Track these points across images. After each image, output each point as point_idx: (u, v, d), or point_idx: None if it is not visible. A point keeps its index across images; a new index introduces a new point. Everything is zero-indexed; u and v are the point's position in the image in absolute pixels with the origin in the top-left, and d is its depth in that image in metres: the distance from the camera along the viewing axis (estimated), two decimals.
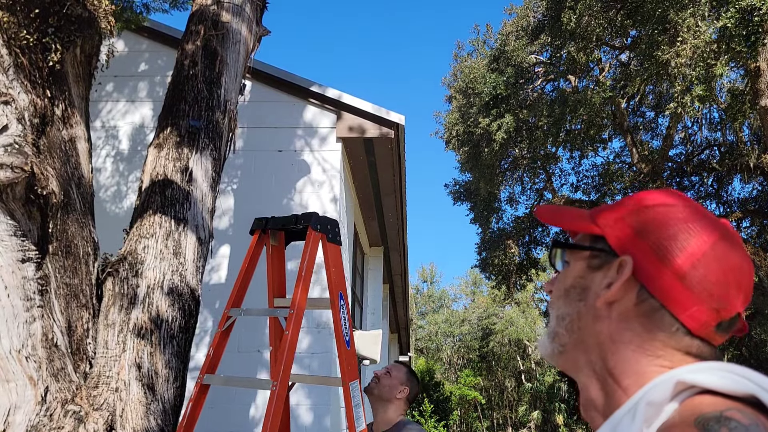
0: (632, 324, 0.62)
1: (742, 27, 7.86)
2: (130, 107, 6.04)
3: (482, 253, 16.04)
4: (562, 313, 0.68)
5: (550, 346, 0.69)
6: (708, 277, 0.59)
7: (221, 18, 3.41)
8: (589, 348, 0.65)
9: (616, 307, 0.63)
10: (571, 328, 0.67)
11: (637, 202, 0.66)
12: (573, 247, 0.70)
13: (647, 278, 0.61)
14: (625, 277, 0.62)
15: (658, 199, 0.65)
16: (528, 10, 12.95)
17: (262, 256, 2.61)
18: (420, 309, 41.17)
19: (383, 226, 8.42)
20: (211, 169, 3.08)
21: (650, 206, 0.65)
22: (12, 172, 2.07)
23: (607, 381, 0.63)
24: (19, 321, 2.08)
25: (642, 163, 12.52)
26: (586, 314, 0.65)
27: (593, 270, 0.66)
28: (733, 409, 0.50)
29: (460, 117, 13.82)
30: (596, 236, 0.67)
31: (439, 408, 28.10)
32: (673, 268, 0.60)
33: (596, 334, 0.64)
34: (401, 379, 2.41)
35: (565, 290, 0.69)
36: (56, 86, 2.38)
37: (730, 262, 0.60)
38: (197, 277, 2.84)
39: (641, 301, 0.62)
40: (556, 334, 0.68)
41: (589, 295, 0.66)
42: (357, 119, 5.89)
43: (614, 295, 0.63)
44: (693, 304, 0.59)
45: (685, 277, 0.59)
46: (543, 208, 0.75)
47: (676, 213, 0.63)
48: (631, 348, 0.61)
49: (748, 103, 9.57)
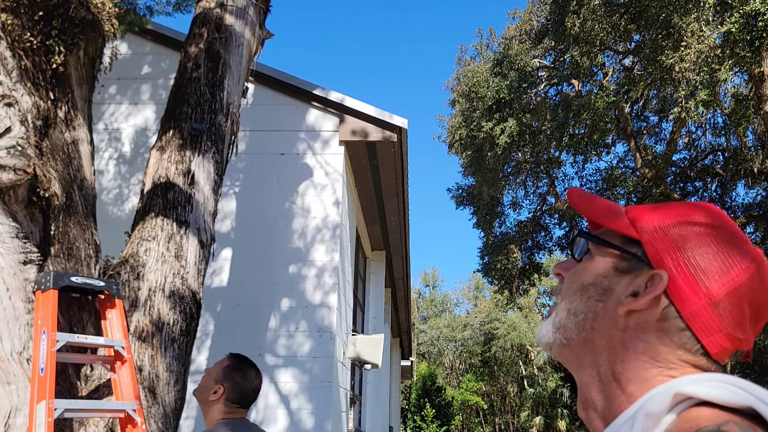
0: (649, 337, 0.60)
1: (747, 32, 7.84)
2: (132, 110, 6.05)
3: (485, 257, 16.01)
4: (575, 308, 0.65)
5: (553, 335, 0.67)
6: (740, 307, 0.59)
7: (224, 21, 3.41)
8: (597, 349, 0.63)
9: (635, 316, 0.61)
10: (583, 326, 0.64)
11: (683, 215, 0.63)
12: (605, 244, 0.66)
13: (679, 299, 0.59)
14: (657, 292, 0.60)
15: (705, 218, 0.62)
16: (531, 14, 12.96)
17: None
18: (422, 313, 41.10)
19: (385, 229, 8.41)
20: (213, 172, 3.08)
21: (696, 223, 0.62)
22: (14, 174, 2.07)
23: (611, 384, 0.61)
24: (21, 323, 2.08)
25: (645, 168, 12.49)
26: (603, 317, 0.63)
27: (620, 273, 0.64)
28: (730, 422, 0.49)
29: (463, 121, 13.82)
30: (630, 238, 0.64)
31: (441, 413, 28.02)
32: (709, 292, 0.59)
33: (609, 338, 0.62)
34: (216, 377, 2.11)
35: (584, 286, 0.66)
36: (59, 88, 2.38)
37: (761, 298, 0.60)
38: (199, 280, 2.84)
39: (666, 318, 0.60)
40: (564, 326, 0.66)
41: (611, 298, 0.63)
42: (360, 123, 5.89)
43: (640, 307, 0.61)
44: (719, 331, 0.59)
45: (719, 304, 0.58)
46: (575, 191, 0.71)
47: (721, 236, 0.61)
48: (643, 358, 0.60)
49: (752, 108, 9.55)
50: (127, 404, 2.19)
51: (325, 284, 5.52)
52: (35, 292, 2.11)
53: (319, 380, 5.27)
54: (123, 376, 2.25)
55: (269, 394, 5.22)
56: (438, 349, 37.21)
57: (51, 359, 1.99)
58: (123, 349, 2.26)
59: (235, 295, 5.46)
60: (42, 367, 1.98)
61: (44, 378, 1.97)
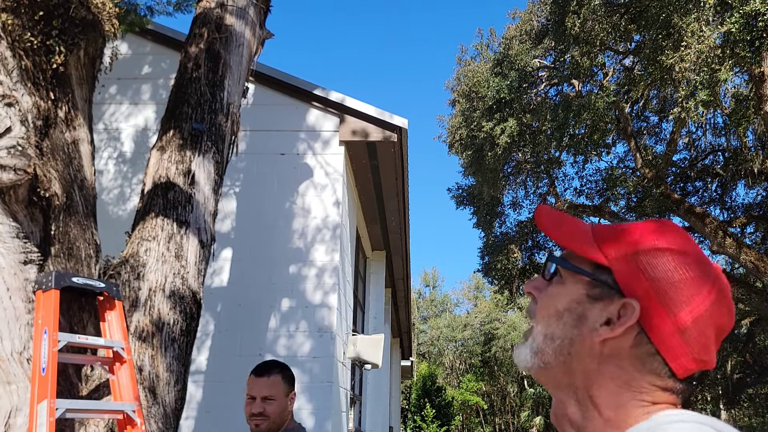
0: (623, 363, 0.63)
1: (747, 32, 7.84)
2: (133, 110, 6.05)
3: (485, 257, 15.99)
4: (552, 333, 0.67)
5: (531, 359, 0.69)
6: (705, 332, 0.62)
7: (225, 21, 3.41)
8: (573, 373, 0.66)
9: (610, 343, 0.64)
10: (560, 351, 0.66)
11: (651, 242, 0.65)
12: (576, 271, 0.68)
13: (649, 327, 0.62)
14: (631, 323, 0.62)
15: (671, 243, 0.65)
16: (532, 15, 12.95)
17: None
18: (422, 313, 41.09)
19: (386, 229, 8.41)
20: (213, 172, 3.08)
21: (663, 249, 0.64)
22: (15, 174, 2.07)
23: (588, 406, 0.64)
24: (21, 323, 2.08)
25: (646, 168, 12.49)
26: (579, 343, 0.65)
27: (592, 300, 0.66)
28: None
29: (463, 121, 13.81)
30: (600, 265, 0.66)
31: (441, 413, 28.01)
32: (677, 320, 0.62)
33: (585, 363, 0.65)
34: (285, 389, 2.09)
35: (559, 312, 0.67)
36: (60, 88, 2.38)
37: (721, 322, 0.63)
38: (199, 280, 2.84)
39: (638, 345, 0.63)
40: (542, 351, 0.68)
41: (585, 325, 0.65)
42: (360, 123, 5.89)
43: (614, 335, 0.63)
44: (686, 355, 0.62)
45: (686, 331, 0.62)
46: (543, 210, 0.73)
47: (687, 263, 0.63)
48: (616, 383, 0.63)
49: (753, 108, 9.55)
50: (127, 405, 2.19)
51: (325, 284, 5.52)
52: (36, 292, 2.11)
53: (319, 380, 5.28)
54: (122, 377, 2.25)
55: None
56: (438, 349, 37.19)
57: (52, 359, 1.99)
58: (123, 350, 2.26)
59: (235, 295, 5.46)
60: (43, 367, 1.98)
61: (45, 378, 1.97)
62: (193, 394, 5.01)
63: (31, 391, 1.99)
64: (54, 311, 2.06)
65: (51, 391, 1.94)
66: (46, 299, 2.07)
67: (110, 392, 2.27)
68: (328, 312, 5.45)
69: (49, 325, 2.03)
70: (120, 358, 2.26)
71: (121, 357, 2.26)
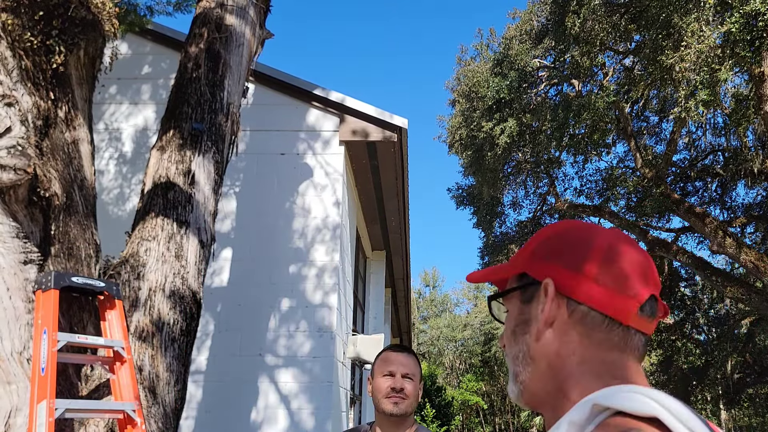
0: (572, 335, 0.69)
1: (747, 32, 7.84)
2: (133, 110, 6.05)
3: (485, 257, 15.99)
4: (514, 352, 0.74)
5: (515, 387, 0.74)
6: (617, 271, 0.68)
7: (225, 21, 3.41)
8: (543, 375, 0.70)
9: (555, 325, 0.70)
10: (525, 361, 0.72)
11: (541, 235, 0.76)
12: (504, 294, 0.78)
13: (570, 290, 0.69)
14: (551, 295, 0.70)
15: (557, 227, 0.76)
16: (532, 15, 12.95)
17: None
18: (422, 313, 41.09)
19: (386, 229, 8.41)
20: (213, 172, 3.08)
21: (552, 234, 0.75)
22: (15, 174, 2.07)
23: (561, 402, 0.67)
24: (21, 323, 2.08)
25: (646, 168, 12.48)
26: (533, 342, 0.71)
27: (527, 303, 0.74)
28: (634, 429, 0.56)
29: (463, 121, 13.81)
30: (521, 275, 0.76)
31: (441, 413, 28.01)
32: (586, 274, 0.68)
33: (545, 356, 0.70)
34: (421, 375, 1.91)
35: (512, 331, 0.75)
36: (60, 88, 2.38)
37: (629, 257, 0.69)
38: (199, 280, 2.84)
39: (572, 311, 0.69)
40: (516, 374, 0.73)
41: (531, 325, 0.72)
42: (360, 123, 5.89)
43: (548, 314, 0.70)
44: (611, 298, 0.67)
45: (598, 278, 0.68)
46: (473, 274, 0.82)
47: (573, 232, 0.73)
48: (575, 360, 0.68)
49: (753, 108, 9.54)
50: (127, 405, 2.19)
51: (325, 284, 5.52)
52: (36, 292, 2.11)
53: (319, 380, 5.28)
54: (122, 377, 2.25)
55: (269, 394, 5.22)
56: (438, 349, 37.19)
57: (52, 359, 1.99)
58: (123, 349, 2.26)
59: (235, 295, 5.46)
60: (43, 367, 1.98)
61: (45, 378, 1.97)
62: (193, 394, 5.01)
63: (30, 391, 1.99)
64: (54, 311, 2.06)
65: (50, 391, 1.94)
66: (45, 299, 2.07)
67: (110, 392, 2.27)
68: (328, 312, 5.45)
69: (49, 324, 2.03)
70: (120, 357, 2.26)
71: (122, 357, 2.26)
